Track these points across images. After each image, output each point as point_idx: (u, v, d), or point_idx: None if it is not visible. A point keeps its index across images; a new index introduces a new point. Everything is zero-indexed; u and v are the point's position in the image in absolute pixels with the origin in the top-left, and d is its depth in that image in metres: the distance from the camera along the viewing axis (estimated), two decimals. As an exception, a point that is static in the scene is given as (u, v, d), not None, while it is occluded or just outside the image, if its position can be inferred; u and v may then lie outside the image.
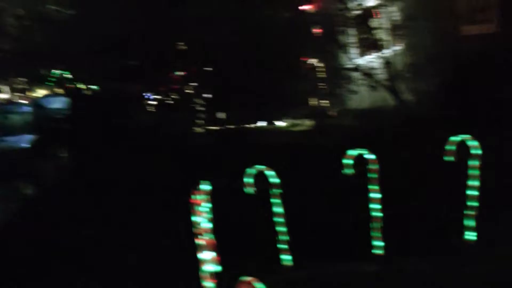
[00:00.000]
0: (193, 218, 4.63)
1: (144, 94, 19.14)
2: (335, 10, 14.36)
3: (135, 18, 15.20)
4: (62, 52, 19.16)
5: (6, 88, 53.00)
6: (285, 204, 5.43)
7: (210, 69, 16.44)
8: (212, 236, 4.59)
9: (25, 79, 43.73)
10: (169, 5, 14.81)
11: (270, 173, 5.34)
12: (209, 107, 16.91)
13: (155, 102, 19.27)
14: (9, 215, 8.93)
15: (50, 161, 13.20)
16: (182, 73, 17.78)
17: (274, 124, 16.85)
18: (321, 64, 16.05)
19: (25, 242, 6.90)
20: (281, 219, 5.44)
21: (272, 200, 5.42)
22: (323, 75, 16.09)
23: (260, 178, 5.31)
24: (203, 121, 16.71)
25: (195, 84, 17.41)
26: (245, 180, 5.30)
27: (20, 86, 49.90)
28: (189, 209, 4.70)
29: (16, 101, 41.09)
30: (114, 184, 9.04)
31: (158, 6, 15.22)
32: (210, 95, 16.95)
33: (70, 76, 23.04)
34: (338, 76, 14.90)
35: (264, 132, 15.84)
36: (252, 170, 5.30)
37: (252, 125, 16.51)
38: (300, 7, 15.63)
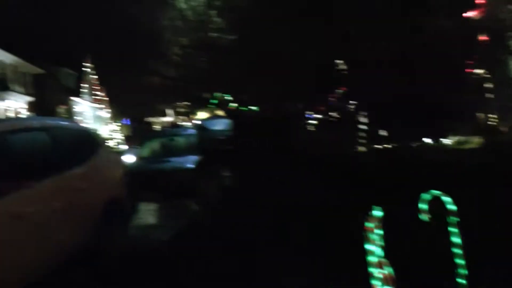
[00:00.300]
0: (366, 246, 4.28)
1: (305, 113, 19.17)
2: (504, 14, 13.33)
3: (293, 39, 15.28)
4: (223, 75, 19.86)
5: (171, 112, 56.51)
6: (463, 234, 4.87)
7: (371, 85, 15.99)
8: (390, 269, 4.21)
9: (188, 103, 46.30)
10: (326, 24, 14.66)
11: (446, 199, 4.83)
12: (371, 124, 16.41)
13: (315, 122, 19.22)
14: (178, 232, 9.20)
15: (214, 180, 13.55)
16: (342, 90, 17.54)
17: (440, 142, 15.91)
18: (489, 75, 14.92)
19: (193, 255, 7.00)
20: (460, 251, 4.89)
21: (450, 229, 4.88)
22: (492, 86, 14.94)
23: (436, 203, 4.83)
24: (365, 140, 16.24)
25: (356, 101, 17.05)
26: (420, 206, 4.84)
27: (184, 110, 53.10)
28: (361, 236, 4.36)
29: (181, 123, 43.71)
30: (276, 204, 8.97)
31: (315, 25, 15.15)
32: (371, 112, 16.45)
33: (231, 98, 23.87)
34: (509, 87, 13.81)
35: (432, 151, 14.93)
36: (427, 196, 4.83)
37: (417, 143, 15.69)
38: (464, 15, 14.72)
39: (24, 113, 37.31)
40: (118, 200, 6.99)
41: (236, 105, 23.31)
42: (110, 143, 35.20)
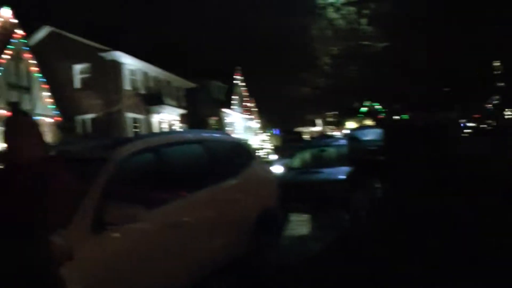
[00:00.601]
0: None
1: (459, 121, 18.22)
2: None
3: (445, 46, 14.63)
4: (373, 84, 19.48)
5: (320, 121, 56.85)
6: None
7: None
8: None
9: (337, 113, 46.21)
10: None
11: None
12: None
13: (470, 130, 18.18)
14: (330, 243, 9.09)
15: (365, 192, 13.25)
16: (497, 96, 16.48)
17: None
18: None
19: (345, 267, 6.83)
20: None
21: None
22: None
23: None
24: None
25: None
26: None
27: (332, 119, 53.16)
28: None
29: (330, 133, 43.70)
30: (431, 218, 8.54)
31: (469, 30, 14.36)
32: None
33: (380, 107, 23.40)
34: None
35: None
36: None
37: None
38: None
39: (177, 125, 39.50)
40: (270, 211, 7.05)
41: (386, 114, 22.80)
42: (260, 153, 36.02)
